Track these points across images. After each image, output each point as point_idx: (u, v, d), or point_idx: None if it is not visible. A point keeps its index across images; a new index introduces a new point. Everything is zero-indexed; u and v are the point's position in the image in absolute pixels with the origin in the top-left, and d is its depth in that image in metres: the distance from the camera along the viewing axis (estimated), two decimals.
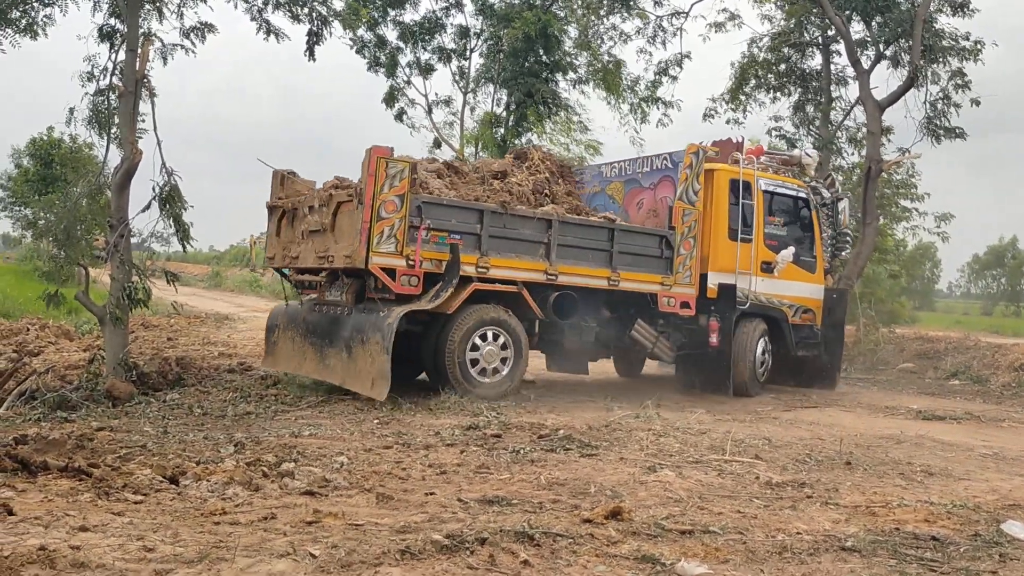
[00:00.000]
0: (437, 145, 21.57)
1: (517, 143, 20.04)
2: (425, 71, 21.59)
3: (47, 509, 4.26)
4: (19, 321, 14.02)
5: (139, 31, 9.56)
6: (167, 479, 5.04)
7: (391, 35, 21.25)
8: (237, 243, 78.53)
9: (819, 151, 19.71)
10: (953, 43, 17.24)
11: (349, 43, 20.42)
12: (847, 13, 17.45)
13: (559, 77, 20.83)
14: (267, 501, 4.75)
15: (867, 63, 17.62)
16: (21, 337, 12.38)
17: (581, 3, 20.68)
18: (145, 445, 6.19)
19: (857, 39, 17.85)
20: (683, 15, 20.42)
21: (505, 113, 20.80)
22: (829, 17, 17.19)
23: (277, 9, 10.72)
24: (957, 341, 18.11)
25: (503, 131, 20.43)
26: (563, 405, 9.44)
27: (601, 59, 20.83)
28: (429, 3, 21.27)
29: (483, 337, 9.37)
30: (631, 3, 20.20)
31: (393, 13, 21.04)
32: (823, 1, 16.80)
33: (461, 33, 21.45)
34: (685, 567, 3.80)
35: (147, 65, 9.34)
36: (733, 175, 11.34)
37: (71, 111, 10.25)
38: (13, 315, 15.76)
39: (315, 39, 11.17)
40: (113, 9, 10.16)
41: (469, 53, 21.68)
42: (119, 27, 10.05)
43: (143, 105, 9.36)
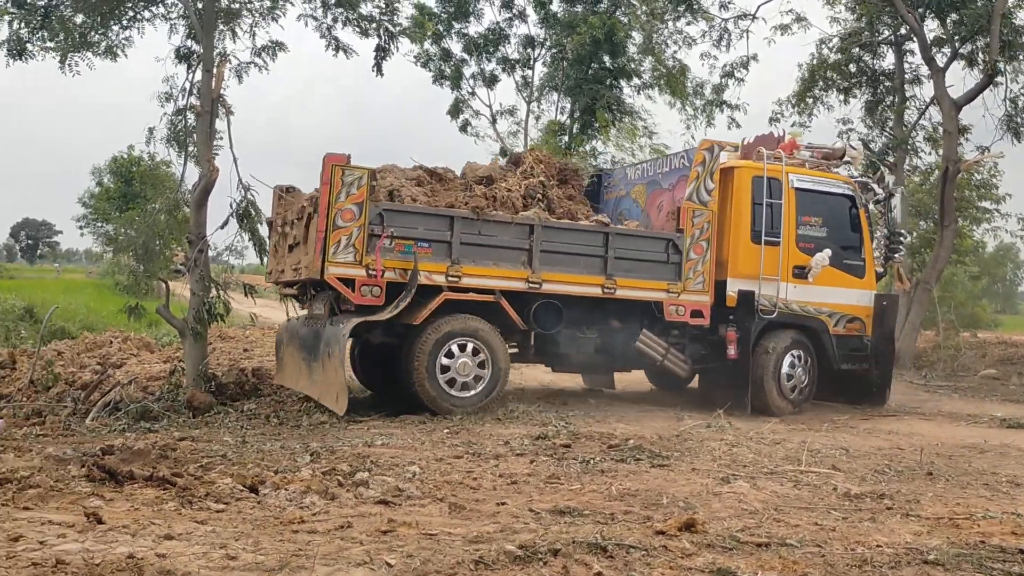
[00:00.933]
0: (503, 154, 21.72)
1: (582, 150, 20.02)
2: (489, 82, 21.77)
3: (134, 518, 4.40)
4: (103, 334, 14.51)
5: (214, 52, 9.84)
6: (247, 488, 5.18)
7: (456, 47, 21.54)
8: None
9: (893, 151, 19.22)
10: None
11: (413, 59, 20.76)
12: (920, 11, 16.98)
13: (623, 83, 20.82)
14: (343, 510, 4.84)
15: (942, 61, 17.14)
16: (105, 350, 12.78)
17: (645, 9, 20.58)
18: (225, 454, 6.37)
19: (932, 37, 17.36)
20: (750, 17, 20.16)
21: (569, 121, 20.84)
22: (902, 15, 16.74)
23: (346, 25, 10.90)
24: None
25: (567, 139, 20.47)
26: (632, 414, 9.39)
27: (665, 64, 20.70)
28: (493, 15, 21.38)
29: (459, 348, 8.90)
30: (695, 7, 20.02)
31: (458, 26, 21.30)
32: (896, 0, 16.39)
33: (526, 43, 21.56)
34: None
35: (222, 84, 9.63)
36: (757, 172, 10.29)
37: (150, 130, 10.53)
38: (97, 328, 16.28)
39: (383, 54, 11.32)
40: (189, 31, 10.48)
41: (532, 62, 21.80)
42: (195, 48, 10.37)
43: (219, 123, 9.63)
